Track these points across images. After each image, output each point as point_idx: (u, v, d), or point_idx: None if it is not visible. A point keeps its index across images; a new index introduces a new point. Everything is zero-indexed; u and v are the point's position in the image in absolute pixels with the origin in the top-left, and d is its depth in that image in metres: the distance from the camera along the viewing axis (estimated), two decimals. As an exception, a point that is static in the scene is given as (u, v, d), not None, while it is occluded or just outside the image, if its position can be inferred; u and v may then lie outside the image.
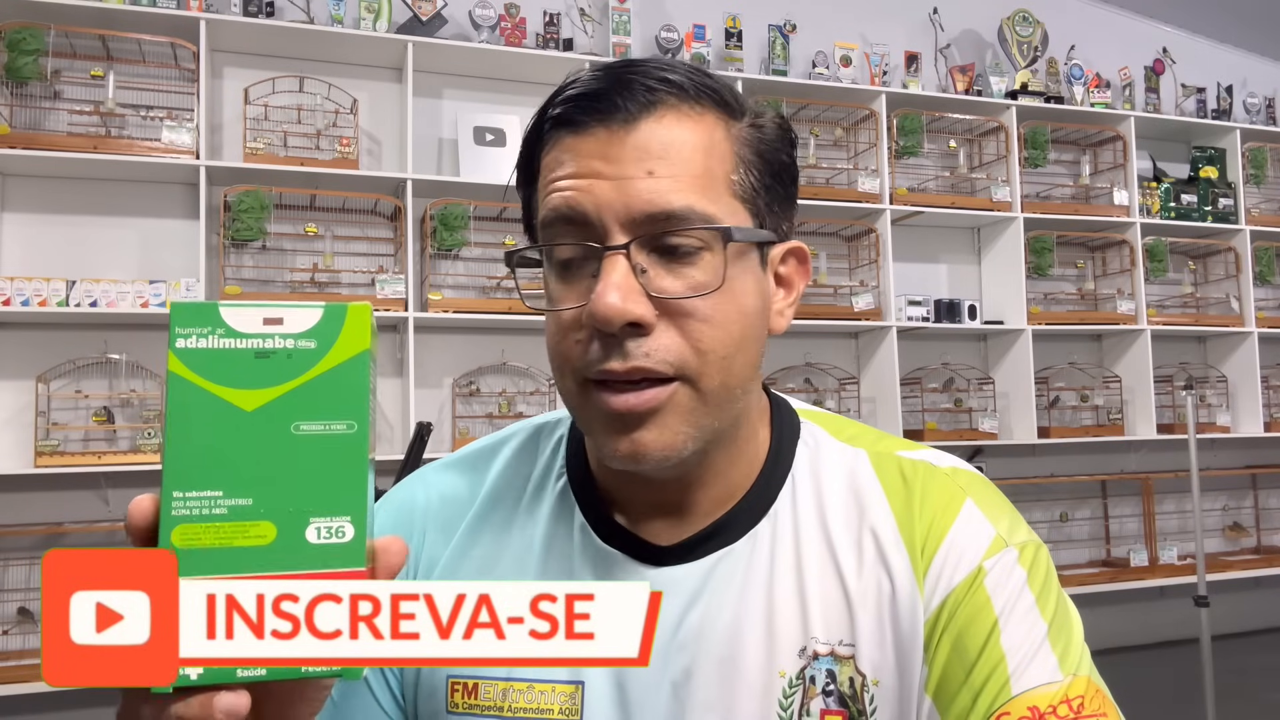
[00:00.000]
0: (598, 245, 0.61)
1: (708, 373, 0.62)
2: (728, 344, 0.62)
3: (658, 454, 0.62)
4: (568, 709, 0.66)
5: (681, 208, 0.60)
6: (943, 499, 0.68)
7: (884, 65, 4.00)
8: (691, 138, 0.62)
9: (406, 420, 3.21)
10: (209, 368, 0.46)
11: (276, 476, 0.46)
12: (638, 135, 0.61)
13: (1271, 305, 4.59)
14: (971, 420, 4.00)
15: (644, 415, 0.61)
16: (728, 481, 0.69)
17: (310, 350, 0.47)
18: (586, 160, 0.61)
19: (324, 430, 0.46)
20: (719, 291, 0.61)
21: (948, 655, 0.63)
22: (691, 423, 0.62)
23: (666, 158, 0.61)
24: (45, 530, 3.00)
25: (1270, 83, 4.91)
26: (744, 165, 0.64)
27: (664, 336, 0.61)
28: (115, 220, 3.19)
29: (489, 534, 0.73)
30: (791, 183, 0.68)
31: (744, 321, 0.63)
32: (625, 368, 0.60)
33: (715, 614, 0.66)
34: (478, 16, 3.49)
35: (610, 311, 0.59)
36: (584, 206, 0.61)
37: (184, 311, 0.46)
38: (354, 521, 0.46)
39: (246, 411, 0.46)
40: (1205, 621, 3.08)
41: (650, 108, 0.62)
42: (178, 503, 0.45)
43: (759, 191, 0.65)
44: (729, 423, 0.66)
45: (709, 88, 0.64)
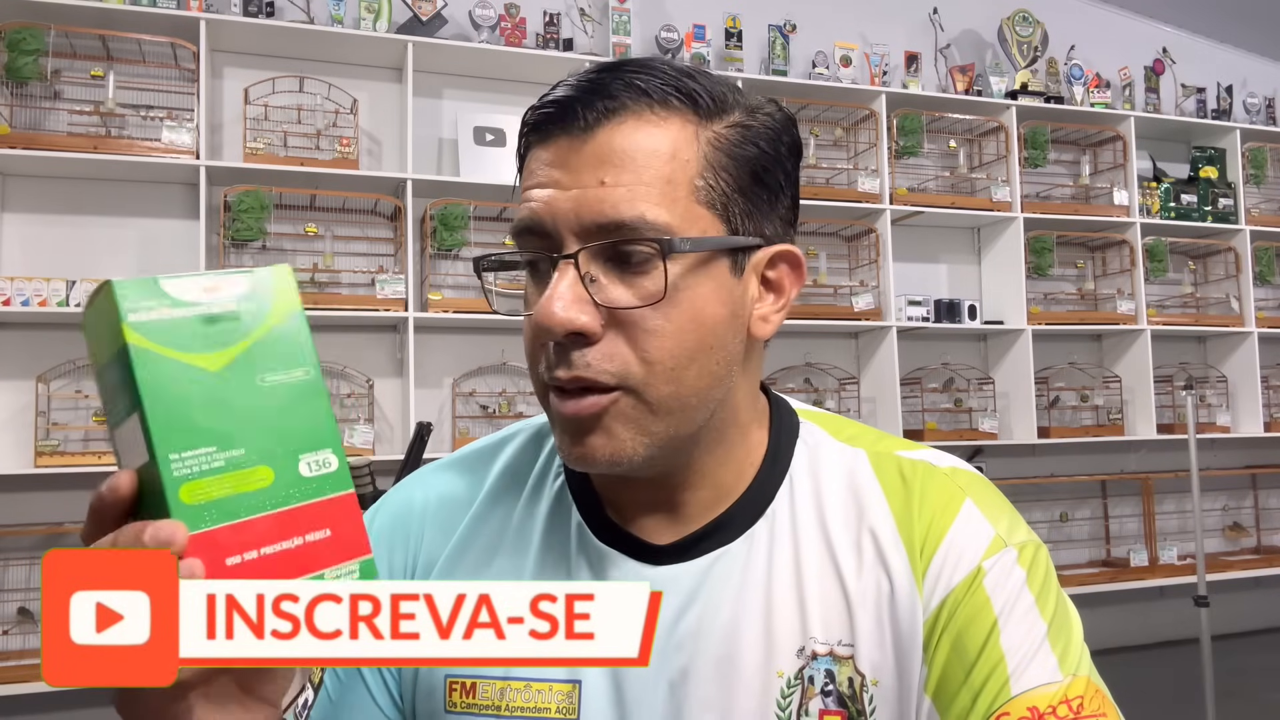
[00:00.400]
0: (549, 254, 0.62)
1: (653, 383, 0.62)
2: (677, 354, 0.62)
3: (604, 459, 0.63)
4: (565, 708, 0.67)
5: (631, 218, 0.60)
6: (942, 499, 0.68)
7: (884, 65, 4.00)
8: (650, 144, 0.61)
9: (406, 420, 3.21)
10: (165, 336, 0.48)
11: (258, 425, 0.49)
12: (595, 144, 0.61)
13: (1271, 305, 4.59)
14: (971, 420, 4.01)
15: (587, 421, 0.62)
16: (717, 483, 0.69)
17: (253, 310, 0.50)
18: (548, 170, 0.62)
19: (286, 379, 0.50)
20: (665, 302, 0.61)
21: (947, 655, 0.63)
22: (639, 430, 0.63)
23: (621, 166, 0.60)
24: (45, 530, 3.00)
25: (1270, 83, 4.91)
26: (713, 169, 0.63)
27: (608, 346, 0.61)
28: (115, 220, 3.19)
29: (486, 534, 0.73)
30: (782, 184, 0.67)
31: (699, 331, 0.62)
32: (568, 376, 0.61)
33: (713, 613, 0.66)
34: (478, 16, 3.49)
35: (550, 320, 0.60)
36: (541, 217, 0.61)
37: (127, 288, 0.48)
38: (335, 451, 0.51)
39: (213, 371, 0.49)
40: (1205, 621, 3.08)
41: (610, 114, 0.61)
42: (176, 464, 0.47)
43: (731, 196, 0.63)
44: (691, 429, 0.65)
45: (679, 91, 0.62)
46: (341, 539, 0.50)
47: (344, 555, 0.50)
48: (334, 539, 0.50)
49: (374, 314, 3.22)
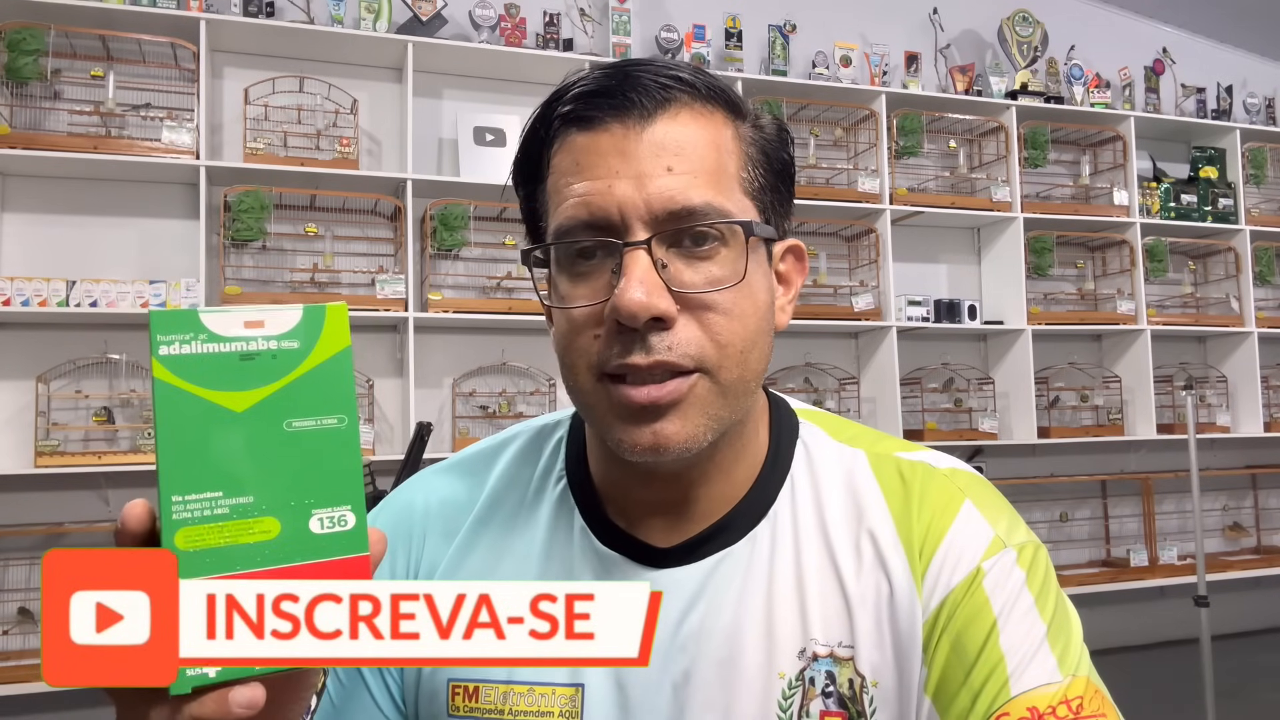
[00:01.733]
0: (618, 241, 0.61)
1: (726, 365, 0.62)
2: (745, 337, 0.63)
3: (679, 445, 0.62)
4: (568, 711, 0.67)
5: (701, 204, 0.61)
6: (941, 500, 0.68)
7: (884, 65, 4.00)
8: (705, 135, 0.63)
9: (406, 420, 3.21)
10: (195, 372, 0.46)
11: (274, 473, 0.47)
12: (654, 132, 0.61)
13: (1271, 305, 4.59)
14: (971, 420, 4.00)
15: (666, 407, 0.61)
16: (731, 479, 0.69)
17: (294, 350, 0.48)
18: (604, 158, 0.61)
19: (316, 426, 0.48)
20: (739, 285, 0.62)
21: (947, 656, 0.63)
22: (711, 414, 0.63)
23: (683, 154, 0.61)
24: (45, 530, 3.00)
25: (1270, 83, 4.91)
26: (751, 163, 0.65)
27: (685, 330, 0.61)
28: (115, 220, 3.19)
29: (489, 537, 0.73)
30: (790, 182, 0.69)
31: (759, 315, 0.64)
32: (649, 362, 0.61)
33: (715, 615, 0.66)
34: (478, 16, 3.49)
35: (636, 306, 0.59)
36: (605, 207, 0.61)
37: (164, 319, 0.46)
38: (354, 510, 0.48)
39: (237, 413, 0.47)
40: (1205, 621, 3.08)
41: (665, 104, 0.62)
42: (178, 506, 0.45)
43: (765, 190, 0.66)
44: (742, 416, 0.66)
45: (717, 87, 0.65)
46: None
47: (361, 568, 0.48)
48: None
49: (374, 314, 3.22)
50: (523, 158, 0.67)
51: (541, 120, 0.65)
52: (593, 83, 0.63)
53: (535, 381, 3.52)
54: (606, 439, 0.65)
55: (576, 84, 0.64)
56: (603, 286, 0.62)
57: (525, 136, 0.67)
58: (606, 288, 0.61)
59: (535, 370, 3.51)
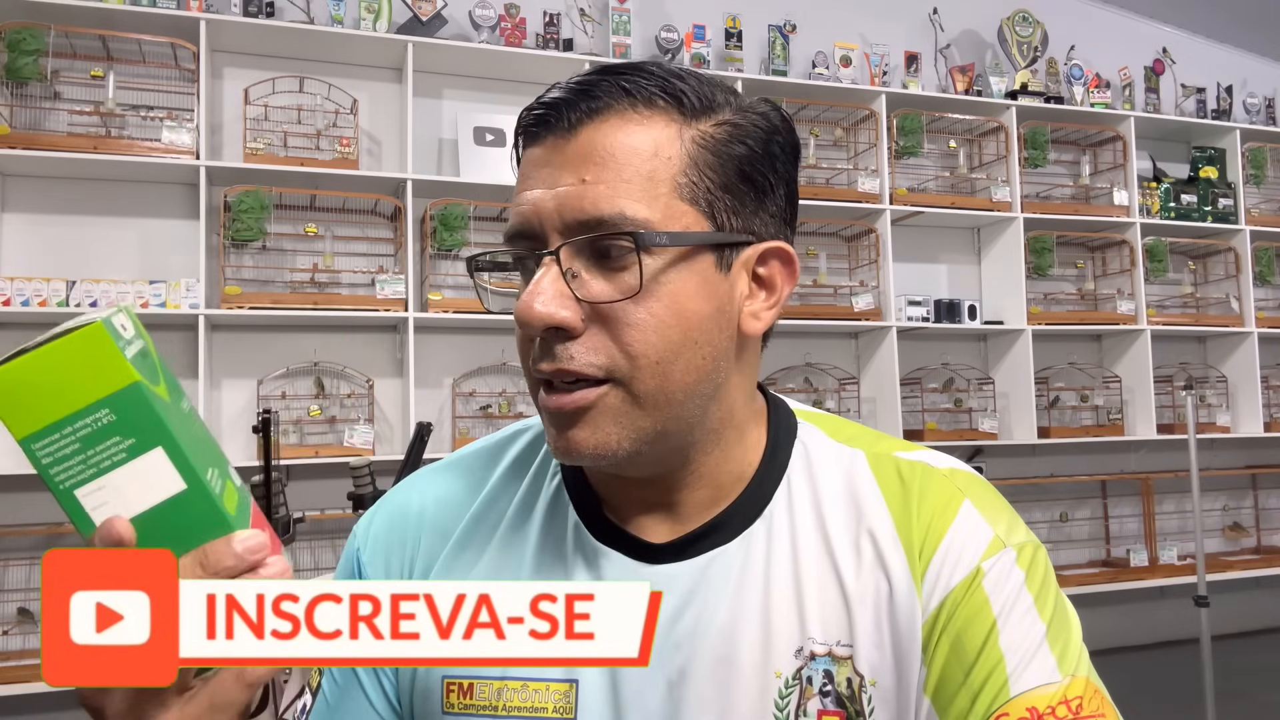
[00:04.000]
0: (528, 253, 0.63)
1: (639, 377, 0.62)
2: (661, 349, 0.62)
3: (588, 452, 0.63)
4: (562, 708, 0.67)
5: (610, 214, 0.60)
6: (941, 500, 0.68)
7: (884, 65, 4.00)
8: (631, 141, 0.62)
9: (406, 420, 3.21)
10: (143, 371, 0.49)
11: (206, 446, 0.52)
12: (577, 143, 0.62)
13: (1271, 305, 4.59)
14: (971, 420, 4.00)
15: (573, 414, 0.62)
16: (715, 483, 0.69)
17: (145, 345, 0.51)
18: (536, 169, 0.63)
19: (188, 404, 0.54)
20: (644, 296, 0.61)
21: (946, 656, 0.63)
22: (624, 424, 0.63)
23: (602, 165, 0.61)
24: (45, 530, 3.00)
25: (1270, 83, 4.91)
26: (697, 167, 0.63)
27: (591, 340, 0.62)
28: (115, 220, 3.19)
29: (484, 534, 0.73)
30: (773, 182, 0.67)
31: (682, 325, 0.62)
32: (551, 369, 0.62)
33: (710, 613, 0.66)
34: (478, 17, 3.49)
35: (530, 315, 0.61)
36: (528, 218, 0.63)
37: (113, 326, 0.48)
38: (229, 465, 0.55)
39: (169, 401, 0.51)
40: (1205, 621, 3.08)
41: (593, 114, 0.62)
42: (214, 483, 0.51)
43: (716, 193, 0.64)
44: (680, 425, 0.65)
45: (666, 91, 0.63)
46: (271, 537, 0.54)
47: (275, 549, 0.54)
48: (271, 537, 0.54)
49: (374, 314, 3.22)
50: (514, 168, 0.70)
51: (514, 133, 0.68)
52: (547, 96, 0.65)
53: (535, 381, 3.52)
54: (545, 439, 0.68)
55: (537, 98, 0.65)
56: None
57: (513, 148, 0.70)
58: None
59: (535, 370, 3.50)
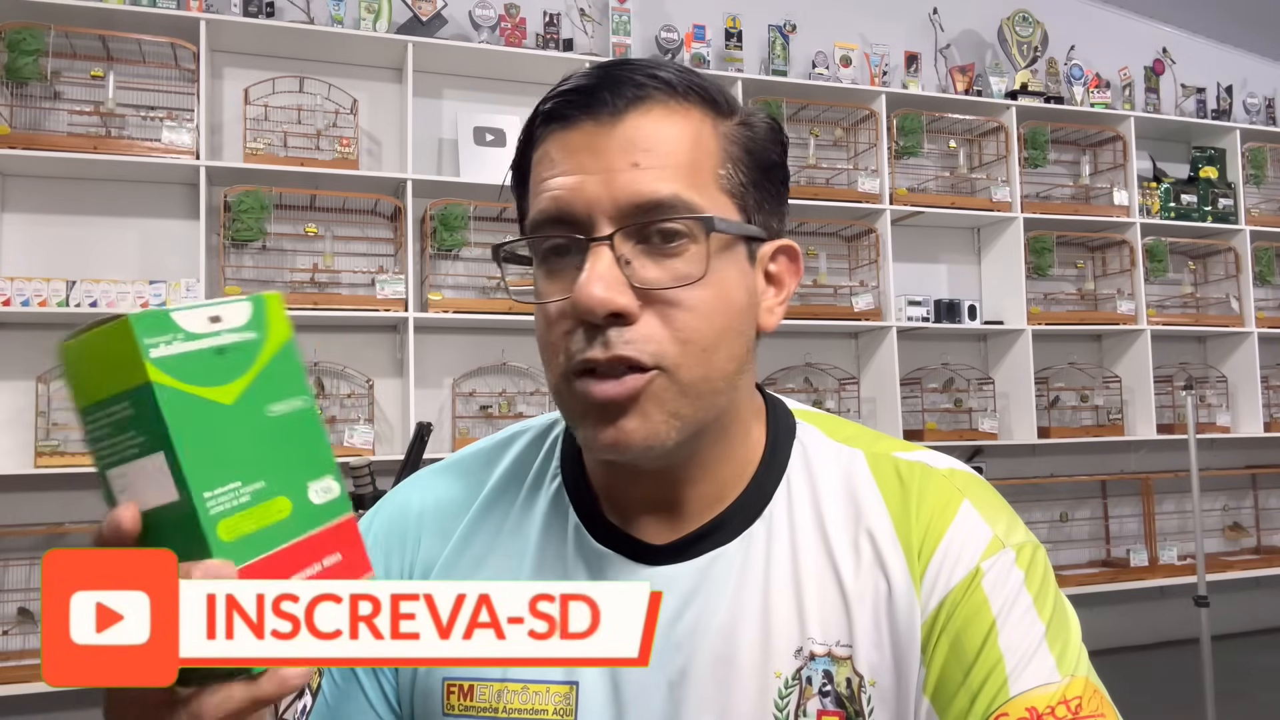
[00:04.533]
0: (582, 237, 0.61)
1: (687, 363, 0.62)
2: (709, 335, 0.62)
3: (640, 443, 0.62)
4: (562, 709, 0.66)
5: (667, 196, 0.61)
6: (940, 500, 0.68)
7: (884, 65, 4.00)
8: (677, 131, 0.63)
9: (406, 420, 3.21)
10: (184, 371, 0.48)
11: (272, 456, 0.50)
12: (624, 128, 0.62)
13: (1271, 305, 4.59)
14: (971, 420, 4.00)
15: (625, 404, 0.61)
16: (719, 479, 0.69)
17: (254, 340, 0.50)
18: (574, 155, 0.62)
19: (289, 409, 0.51)
20: (702, 282, 0.62)
21: (945, 656, 0.63)
22: (671, 412, 0.62)
23: (652, 150, 0.61)
24: (45, 530, 3.00)
25: (1270, 83, 4.91)
26: (732, 161, 0.65)
27: (646, 326, 0.61)
28: (115, 220, 3.19)
29: (484, 536, 0.73)
30: (782, 182, 0.69)
31: (728, 314, 0.64)
32: (607, 356, 0.61)
33: (710, 614, 0.66)
34: (478, 17, 3.49)
35: (593, 301, 0.59)
36: (571, 203, 0.61)
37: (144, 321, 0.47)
38: (335, 478, 0.53)
39: (228, 405, 0.49)
40: (1205, 621, 3.07)
41: (637, 102, 0.62)
42: (211, 502, 0.47)
43: (747, 188, 0.65)
44: (713, 415, 0.66)
45: (696, 85, 0.64)
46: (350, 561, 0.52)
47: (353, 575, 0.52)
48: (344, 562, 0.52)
49: (374, 314, 3.22)
50: (515, 160, 0.68)
51: (528, 123, 0.66)
52: (574, 82, 0.64)
53: (535, 381, 3.52)
54: (576, 435, 0.66)
55: (562, 84, 0.64)
56: (570, 283, 0.62)
57: (519, 141, 0.68)
58: (573, 284, 0.61)
59: (535, 370, 3.51)
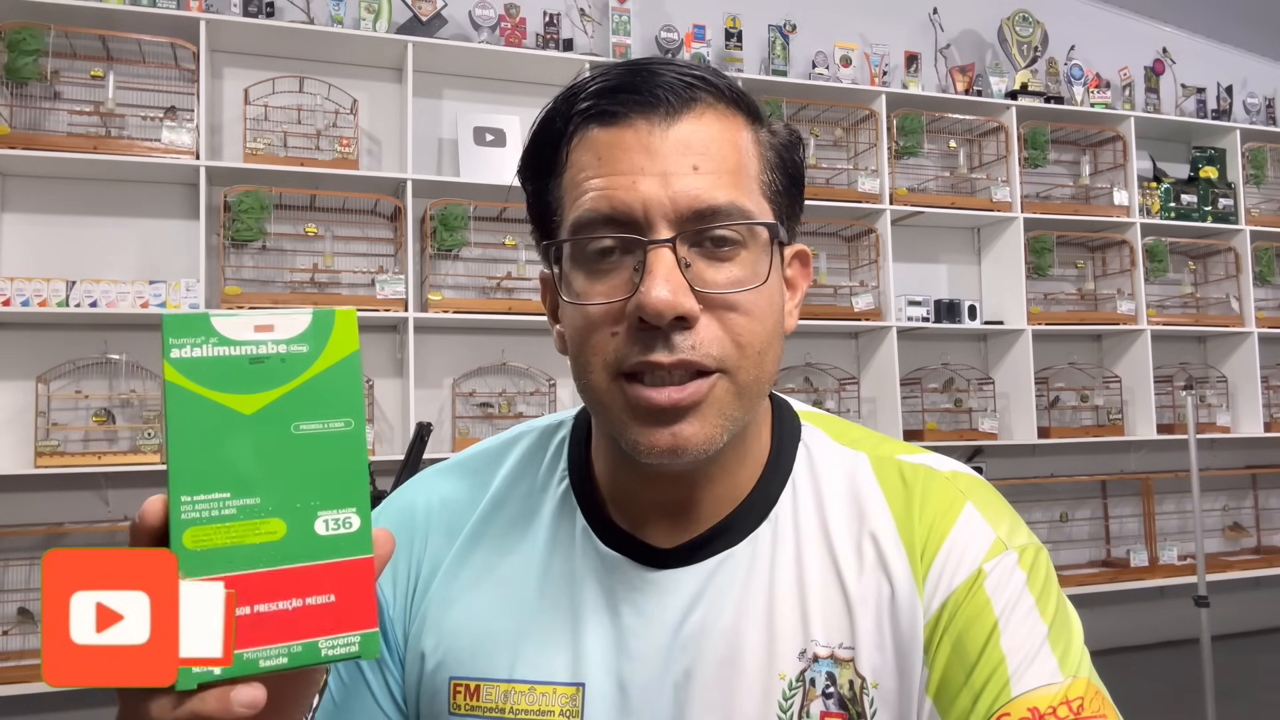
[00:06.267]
0: (643, 239, 0.60)
1: (745, 366, 0.62)
2: (764, 338, 0.63)
3: (698, 447, 0.62)
4: (569, 710, 0.67)
5: (726, 203, 0.61)
6: (943, 502, 0.68)
7: (884, 65, 4.00)
8: (728, 136, 0.63)
9: (406, 420, 3.21)
10: (206, 375, 0.47)
11: (281, 475, 0.47)
12: (680, 130, 0.61)
13: (1271, 305, 4.59)
14: (971, 420, 4.00)
15: (686, 409, 0.61)
16: (734, 480, 0.69)
17: (302, 354, 0.48)
18: (628, 153, 0.61)
19: (323, 429, 0.48)
20: (761, 287, 0.62)
21: (948, 657, 0.63)
22: (727, 415, 0.63)
23: (708, 154, 0.61)
24: (45, 530, 3.00)
25: (1270, 83, 4.91)
26: (770, 167, 0.66)
27: (707, 330, 0.61)
28: (115, 220, 3.18)
29: (491, 537, 0.73)
30: (801, 189, 0.69)
31: (775, 317, 0.65)
32: (672, 360, 0.60)
33: (716, 616, 0.66)
34: (478, 17, 3.49)
35: (663, 305, 0.59)
36: (629, 203, 0.60)
37: (177, 322, 0.47)
38: (359, 512, 0.48)
39: (246, 415, 0.47)
40: (1205, 621, 3.07)
41: (691, 104, 0.62)
42: (186, 506, 0.46)
43: (780, 194, 0.66)
44: (752, 417, 0.66)
45: (739, 91, 0.65)
46: (346, 607, 0.47)
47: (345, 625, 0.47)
48: (337, 605, 0.47)
49: (374, 314, 3.22)
50: (534, 151, 0.66)
51: (559, 114, 0.64)
52: (615, 78, 0.62)
53: (535, 381, 3.52)
54: (621, 440, 0.64)
55: (596, 79, 0.63)
56: (622, 284, 0.61)
57: (538, 130, 0.66)
58: (626, 285, 0.61)
59: (535, 370, 3.51)
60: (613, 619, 0.67)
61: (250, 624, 0.45)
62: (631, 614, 0.67)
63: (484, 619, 0.70)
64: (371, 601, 0.48)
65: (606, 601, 0.68)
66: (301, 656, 0.46)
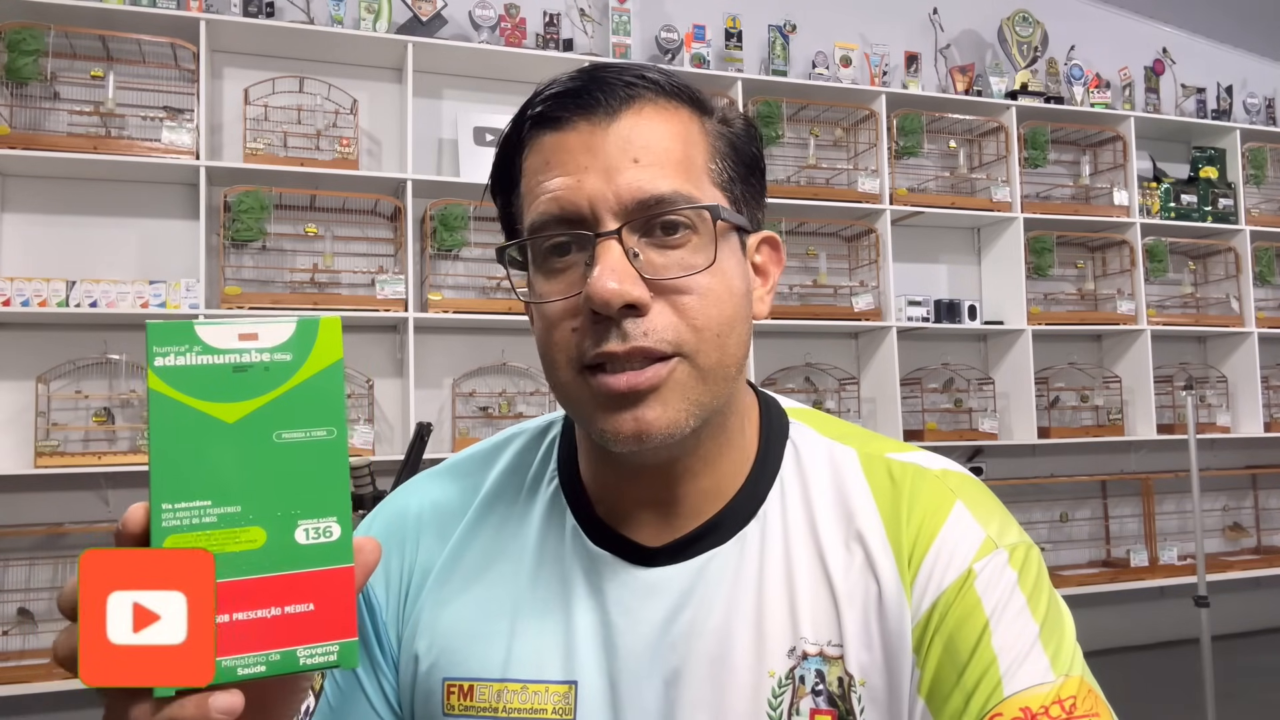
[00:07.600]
0: (589, 233, 0.62)
1: (704, 349, 0.63)
2: (721, 321, 0.64)
3: (662, 430, 0.62)
4: (561, 708, 0.67)
5: (669, 191, 0.62)
6: (933, 502, 0.68)
7: (884, 65, 4.00)
8: (670, 129, 0.64)
9: (406, 420, 3.21)
10: (188, 383, 0.47)
11: (262, 483, 0.47)
12: (620, 127, 0.63)
13: (1271, 305, 4.59)
14: (971, 420, 4.00)
15: (645, 393, 0.62)
16: (717, 473, 0.69)
17: (286, 363, 0.48)
18: (572, 155, 0.63)
19: (305, 437, 0.48)
20: (710, 269, 0.63)
21: (939, 657, 0.63)
22: (691, 399, 0.63)
23: (649, 147, 0.63)
24: (45, 530, 3.00)
25: (1270, 83, 4.91)
26: (720, 157, 0.67)
27: (660, 316, 0.62)
28: (115, 220, 3.19)
29: (483, 539, 0.73)
30: (761, 176, 0.71)
31: (733, 300, 0.65)
32: (625, 349, 0.61)
33: (705, 614, 0.67)
34: (478, 17, 3.49)
35: (609, 294, 0.60)
36: (575, 201, 0.62)
37: (160, 331, 0.47)
38: (340, 521, 0.48)
39: (228, 423, 0.47)
40: (1205, 621, 3.07)
41: (629, 101, 0.64)
42: (167, 514, 0.46)
43: (734, 182, 0.67)
44: (723, 402, 0.67)
45: (681, 86, 0.67)
46: (326, 615, 0.47)
47: (324, 634, 0.47)
48: (316, 614, 0.47)
49: (374, 314, 3.22)
50: (498, 165, 0.69)
51: (514, 127, 0.67)
52: (560, 85, 0.65)
53: (535, 381, 3.52)
54: (590, 431, 0.65)
55: (546, 89, 0.65)
56: (577, 280, 0.63)
57: (500, 145, 0.69)
58: (580, 280, 0.62)
59: (535, 370, 3.51)
60: (602, 617, 0.68)
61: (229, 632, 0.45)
62: (620, 612, 0.68)
63: (477, 619, 0.70)
64: (351, 611, 0.48)
65: (596, 600, 0.68)
66: (279, 665, 0.46)
